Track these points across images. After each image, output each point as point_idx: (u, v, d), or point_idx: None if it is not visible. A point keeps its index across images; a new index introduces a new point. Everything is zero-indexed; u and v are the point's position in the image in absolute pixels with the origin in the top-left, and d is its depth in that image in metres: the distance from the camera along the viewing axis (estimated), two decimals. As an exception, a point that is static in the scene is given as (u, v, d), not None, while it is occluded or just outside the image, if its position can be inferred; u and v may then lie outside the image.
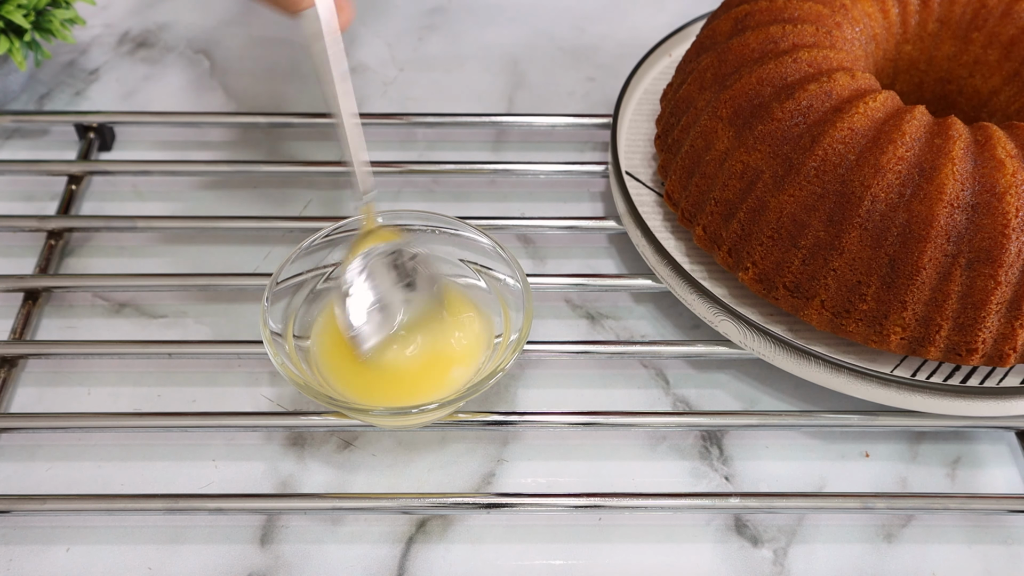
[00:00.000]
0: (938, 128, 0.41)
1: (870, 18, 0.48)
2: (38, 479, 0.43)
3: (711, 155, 0.45)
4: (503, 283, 0.45)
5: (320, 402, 0.40)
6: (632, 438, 0.45)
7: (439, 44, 0.66)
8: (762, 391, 0.47)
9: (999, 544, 0.42)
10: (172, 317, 0.49)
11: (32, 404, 0.46)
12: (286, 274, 0.44)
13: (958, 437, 0.45)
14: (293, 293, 0.44)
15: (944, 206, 0.39)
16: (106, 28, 0.66)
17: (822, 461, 0.44)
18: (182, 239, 0.53)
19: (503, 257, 0.45)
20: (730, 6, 0.49)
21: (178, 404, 0.46)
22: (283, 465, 0.44)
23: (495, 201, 0.55)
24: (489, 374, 0.41)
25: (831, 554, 0.41)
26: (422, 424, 0.42)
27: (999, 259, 0.39)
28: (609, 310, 0.50)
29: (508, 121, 0.57)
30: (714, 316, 0.45)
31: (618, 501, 0.41)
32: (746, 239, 0.44)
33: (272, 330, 0.42)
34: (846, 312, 0.42)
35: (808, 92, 0.42)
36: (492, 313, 0.45)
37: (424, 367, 0.43)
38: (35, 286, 0.49)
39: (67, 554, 0.41)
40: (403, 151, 0.58)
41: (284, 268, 0.44)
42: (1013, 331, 0.40)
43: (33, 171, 0.54)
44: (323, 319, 0.44)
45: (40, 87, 0.61)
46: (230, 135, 0.59)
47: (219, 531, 0.41)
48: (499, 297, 0.45)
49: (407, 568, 0.41)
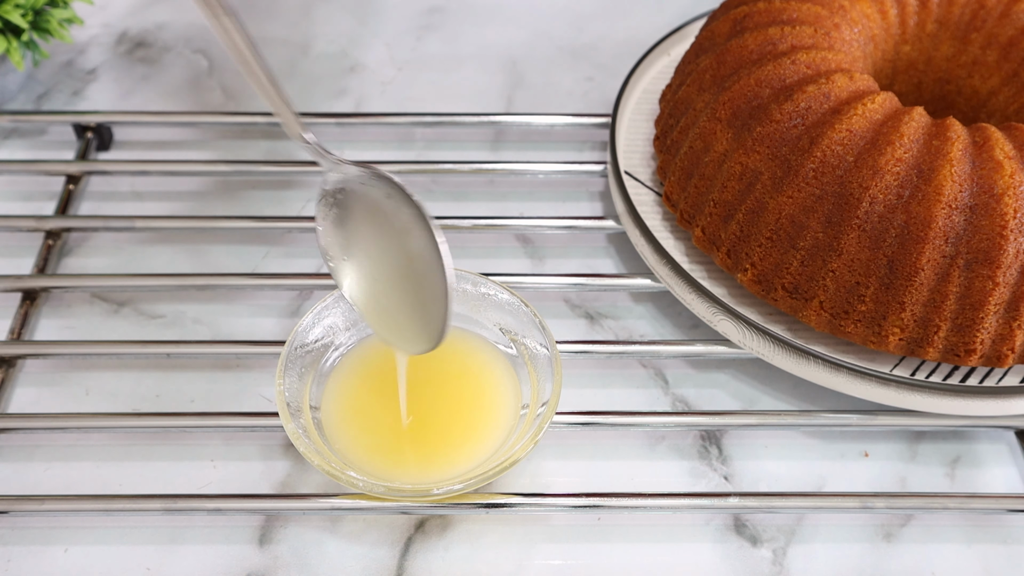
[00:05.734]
0: (936, 129, 0.41)
1: (868, 19, 0.48)
2: (36, 479, 0.43)
3: (710, 156, 0.45)
4: (531, 350, 0.43)
5: (345, 484, 0.38)
6: (631, 438, 0.45)
7: (438, 44, 0.66)
8: (761, 391, 0.47)
9: (998, 544, 0.42)
10: (170, 317, 0.49)
11: (30, 404, 0.45)
12: (300, 341, 0.42)
13: (957, 437, 0.45)
14: (305, 362, 0.42)
15: (942, 207, 0.39)
16: (104, 28, 0.66)
17: (821, 461, 0.44)
18: (180, 239, 0.53)
19: (535, 323, 0.42)
20: (729, 7, 0.49)
21: (177, 404, 0.46)
22: (282, 465, 0.44)
23: (494, 201, 0.55)
24: (510, 458, 0.38)
25: (830, 554, 0.41)
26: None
27: (997, 260, 0.39)
28: (608, 310, 0.50)
29: (507, 121, 0.57)
30: (713, 316, 0.45)
31: (617, 501, 0.41)
32: (745, 240, 0.44)
33: (288, 401, 0.40)
34: (845, 313, 0.42)
35: (806, 94, 0.42)
36: (520, 380, 0.43)
37: (451, 436, 0.41)
38: (33, 286, 0.48)
39: (65, 554, 0.41)
40: (402, 151, 0.58)
41: (296, 336, 0.41)
42: (1011, 332, 0.40)
43: (31, 171, 0.54)
44: (334, 385, 0.43)
45: (38, 87, 0.61)
46: (228, 135, 0.58)
47: (218, 531, 0.41)
48: (527, 363, 0.43)
49: (406, 568, 0.41)
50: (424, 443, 0.41)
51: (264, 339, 0.48)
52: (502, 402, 0.42)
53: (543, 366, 0.42)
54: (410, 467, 0.40)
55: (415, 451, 0.41)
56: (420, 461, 0.40)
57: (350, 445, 0.40)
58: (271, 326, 0.49)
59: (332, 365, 0.43)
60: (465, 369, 0.43)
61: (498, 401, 0.42)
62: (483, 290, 0.44)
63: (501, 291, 0.43)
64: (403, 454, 0.41)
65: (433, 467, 0.40)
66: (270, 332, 0.48)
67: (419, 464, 0.40)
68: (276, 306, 0.50)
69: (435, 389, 0.43)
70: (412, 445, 0.41)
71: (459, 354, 0.44)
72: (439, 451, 0.41)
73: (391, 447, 0.41)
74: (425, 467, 0.40)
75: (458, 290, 0.44)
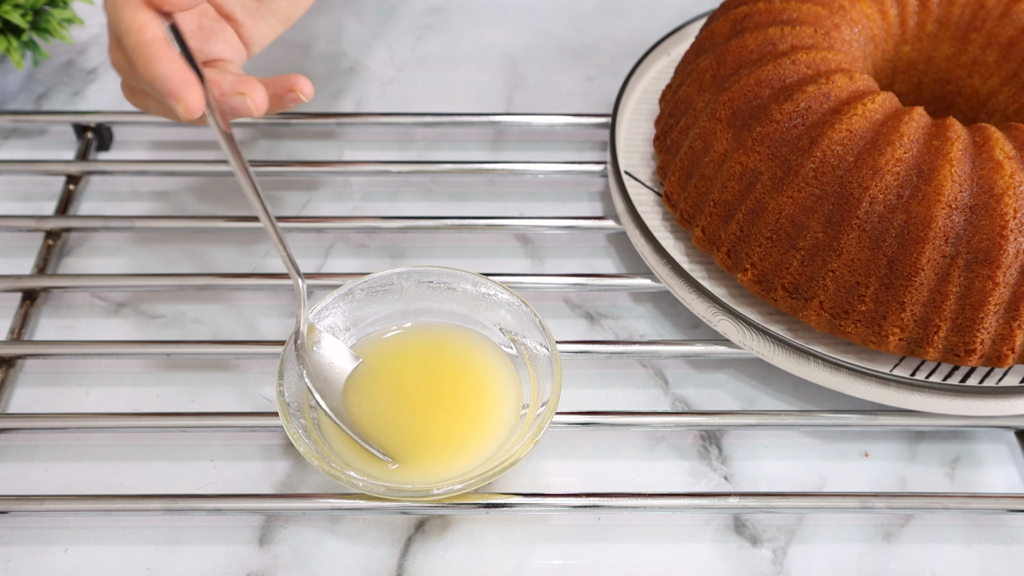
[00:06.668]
0: (936, 129, 0.41)
1: (868, 19, 0.48)
2: (36, 479, 0.43)
3: (710, 156, 0.45)
4: (531, 350, 0.43)
5: (345, 484, 0.38)
6: (631, 438, 0.45)
7: (438, 44, 0.66)
8: (761, 391, 0.47)
9: (998, 543, 0.42)
10: (170, 317, 0.49)
11: (30, 404, 0.45)
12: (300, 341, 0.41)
13: (957, 436, 0.45)
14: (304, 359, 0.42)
15: (942, 207, 0.39)
16: (104, 28, 0.66)
17: (821, 461, 0.44)
18: (180, 239, 0.53)
19: (535, 323, 0.42)
20: (729, 7, 0.49)
21: (176, 404, 0.46)
22: (282, 465, 0.44)
23: (494, 201, 0.55)
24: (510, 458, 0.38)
25: (830, 554, 0.41)
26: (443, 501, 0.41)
27: (997, 260, 0.39)
28: (608, 310, 0.50)
29: (507, 121, 0.57)
30: (713, 316, 0.45)
31: (617, 501, 0.41)
32: (745, 240, 0.44)
33: (287, 402, 0.40)
34: (845, 313, 0.42)
35: (806, 94, 0.42)
36: (520, 380, 0.43)
37: (452, 434, 0.41)
38: (33, 286, 0.48)
39: (65, 554, 0.41)
40: (402, 151, 0.58)
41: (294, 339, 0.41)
42: (1011, 332, 0.40)
43: (31, 171, 0.54)
44: None
45: (38, 87, 0.61)
46: (228, 135, 0.58)
47: (218, 531, 0.41)
48: (527, 363, 0.43)
49: (406, 568, 0.41)
50: (424, 443, 0.41)
51: (264, 339, 0.48)
52: (502, 402, 0.42)
53: (543, 366, 0.42)
54: (410, 467, 0.40)
55: (415, 451, 0.41)
56: (420, 461, 0.40)
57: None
58: (271, 326, 0.49)
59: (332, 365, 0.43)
60: (465, 369, 0.43)
61: (498, 401, 0.42)
62: (483, 290, 0.44)
63: (501, 291, 0.43)
64: (404, 454, 0.41)
65: (433, 467, 0.40)
66: (270, 332, 0.48)
67: (419, 464, 0.40)
68: (276, 306, 0.50)
69: (435, 389, 0.43)
70: (412, 445, 0.41)
71: (459, 354, 0.44)
72: (439, 451, 0.41)
73: (392, 447, 0.41)
74: (425, 467, 0.40)
75: (458, 290, 0.44)
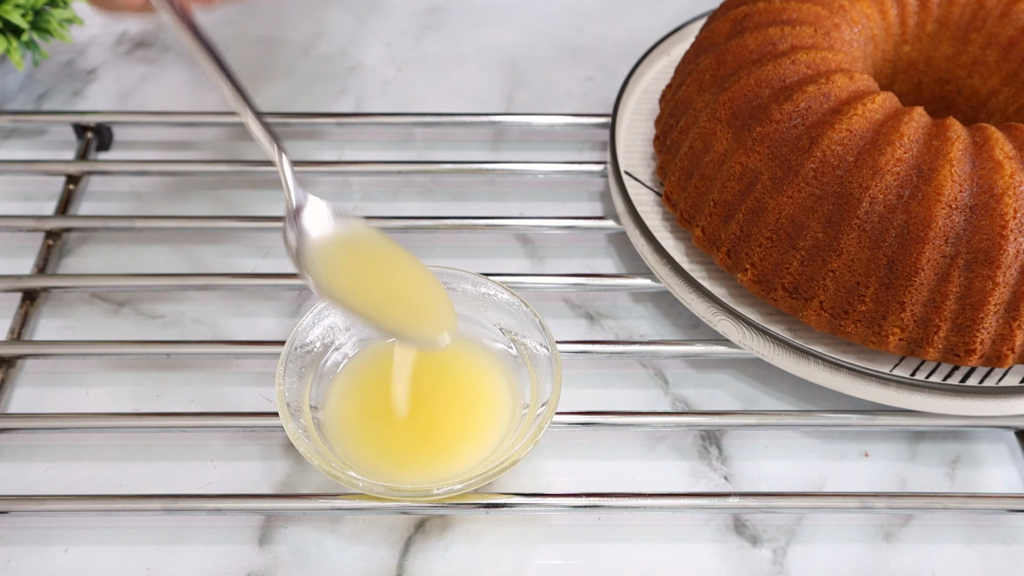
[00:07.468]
0: (936, 129, 0.41)
1: (868, 19, 0.48)
2: (36, 479, 0.43)
3: (710, 156, 0.45)
4: (531, 350, 0.43)
5: (345, 485, 0.38)
6: (631, 438, 0.45)
7: (438, 44, 0.66)
8: (761, 391, 0.47)
9: (998, 543, 0.42)
10: (170, 317, 0.49)
11: (30, 404, 0.45)
12: (300, 341, 0.42)
13: (957, 436, 0.45)
14: (305, 362, 0.42)
15: (942, 207, 0.39)
16: (104, 28, 0.66)
17: (821, 461, 0.44)
18: (180, 239, 0.53)
19: (535, 323, 0.42)
20: (729, 7, 0.49)
21: (176, 404, 0.46)
22: (282, 465, 0.44)
23: (494, 201, 0.55)
24: (510, 458, 0.38)
25: (830, 554, 0.41)
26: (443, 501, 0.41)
27: (997, 260, 0.39)
28: (608, 310, 0.50)
29: (507, 121, 0.57)
30: (713, 316, 0.45)
31: (617, 501, 0.41)
32: (745, 240, 0.44)
33: (287, 402, 0.40)
34: (845, 313, 0.42)
35: (806, 94, 0.42)
36: (520, 380, 0.43)
37: (451, 436, 0.41)
38: (33, 286, 0.48)
39: (65, 554, 0.41)
40: (401, 151, 0.58)
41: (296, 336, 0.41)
42: (1011, 332, 0.40)
43: (31, 171, 0.54)
44: (334, 385, 0.43)
45: (38, 87, 0.61)
46: (228, 135, 0.58)
47: (218, 531, 0.41)
48: (527, 363, 0.43)
49: (406, 568, 0.41)
50: (424, 443, 0.41)
51: (264, 339, 0.48)
52: (502, 402, 0.42)
53: (543, 366, 0.41)
54: (410, 467, 0.40)
55: (415, 451, 0.41)
56: (420, 461, 0.40)
57: (350, 445, 0.40)
58: (271, 326, 0.49)
59: (332, 365, 0.43)
60: (465, 369, 0.43)
61: (498, 401, 0.42)
62: (483, 290, 0.44)
63: (501, 291, 0.43)
64: (403, 454, 0.41)
65: (433, 467, 0.40)
66: (270, 332, 0.48)
67: (419, 464, 0.40)
68: (276, 306, 0.50)
69: (435, 389, 0.43)
70: (412, 445, 0.41)
71: (459, 354, 0.44)
72: (439, 451, 0.41)
73: (391, 447, 0.41)
74: (425, 467, 0.40)
75: (458, 290, 0.44)
